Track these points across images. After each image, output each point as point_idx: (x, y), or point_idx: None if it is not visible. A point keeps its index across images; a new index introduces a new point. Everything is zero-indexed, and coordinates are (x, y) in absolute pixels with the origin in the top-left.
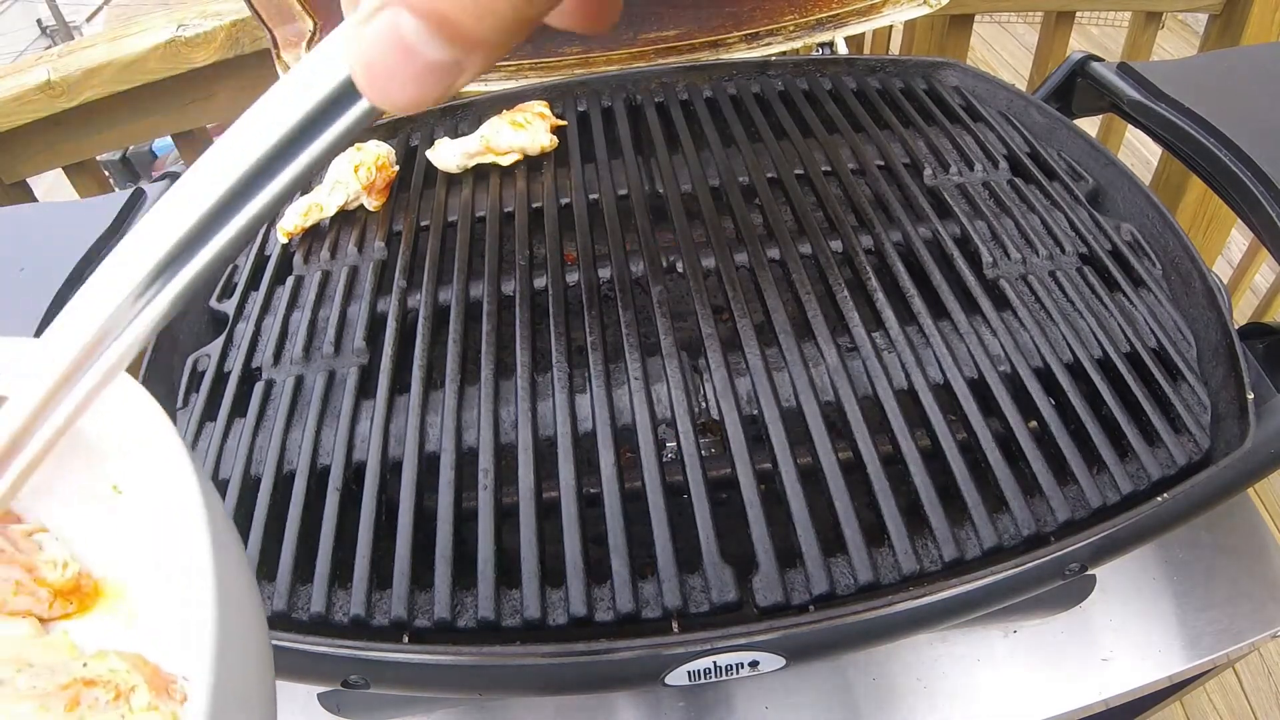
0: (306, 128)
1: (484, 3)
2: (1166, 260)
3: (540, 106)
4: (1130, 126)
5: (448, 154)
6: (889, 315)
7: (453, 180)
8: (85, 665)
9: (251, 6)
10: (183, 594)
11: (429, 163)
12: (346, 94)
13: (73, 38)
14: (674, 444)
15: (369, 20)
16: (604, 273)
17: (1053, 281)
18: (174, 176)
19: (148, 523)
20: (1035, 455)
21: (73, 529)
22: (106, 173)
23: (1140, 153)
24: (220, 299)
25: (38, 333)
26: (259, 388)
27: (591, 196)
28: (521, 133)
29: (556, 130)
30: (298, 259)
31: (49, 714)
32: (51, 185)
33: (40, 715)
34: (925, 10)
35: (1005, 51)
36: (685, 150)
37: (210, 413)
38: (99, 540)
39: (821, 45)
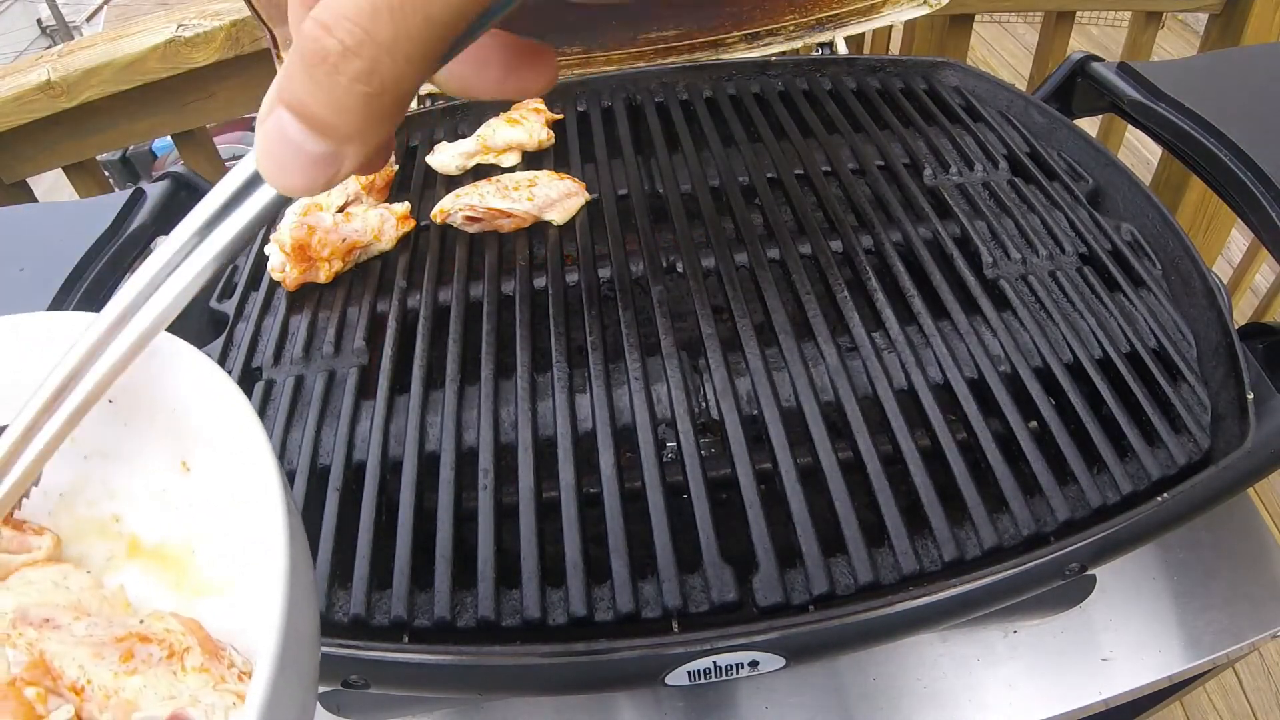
0: (228, 206)
1: (339, 101)
2: (1166, 260)
3: (536, 103)
4: (1130, 126)
5: (446, 157)
6: (889, 315)
7: (452, 181)
8: (141, 622)
9: (251, 6)
10: (255, 574)
11: (429, 165)
12: (256, 180)
13: (73, 38)
14: (674, 444)
15: (264, 119)
16: (604, 273)
17: (1053, 281)
18: (174, 176)
19: (217, 501)
20: (1035, 455)
21: (139, 495)
22: (106, 173)
23: (1140, 153)
24: (220, 299)
25: None
26: (259, 388)
27: (591, 196)
28: (517, 128)
29: (554, 126)
30: None
31: (103, 662)
32: (51, 185)
33: (95, 663)
34: (925, 10)
35: (1005, 51)
36: (685, 150)
37: None
38: (162, 509)
39: (821, 45)
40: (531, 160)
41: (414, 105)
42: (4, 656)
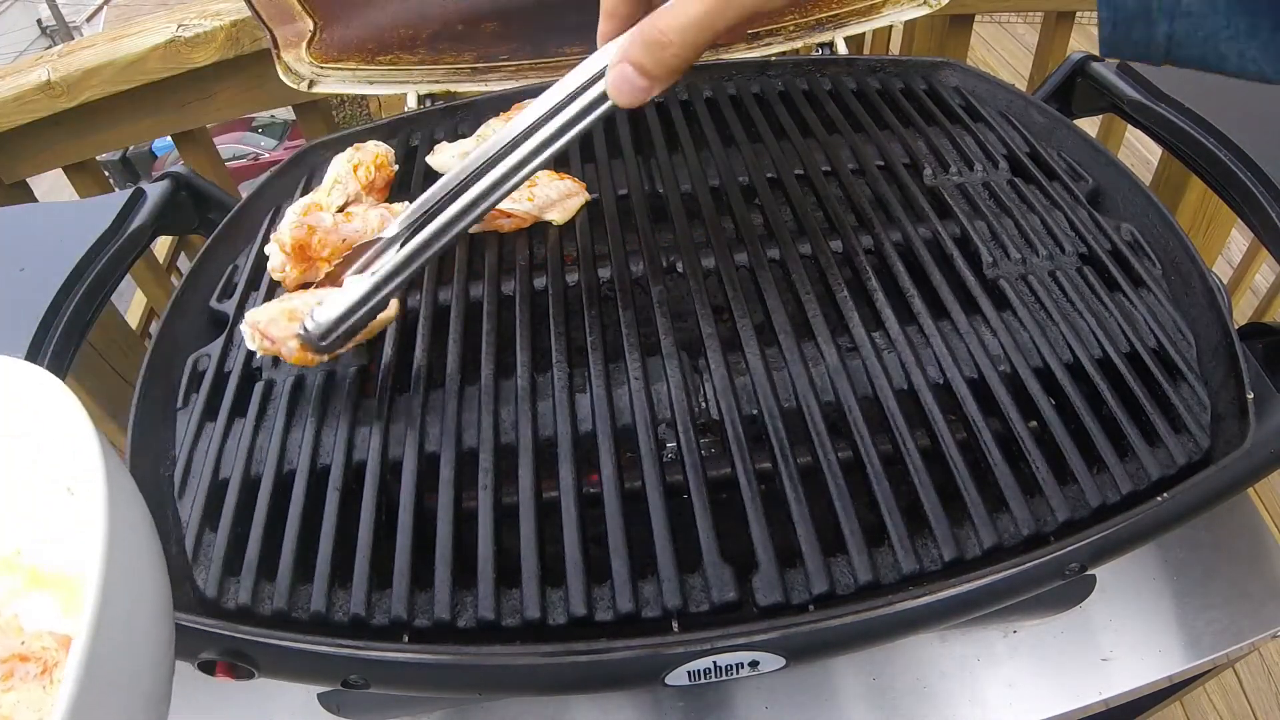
0: (582, 115)
1: (660, 65)
2: (1166, 260)
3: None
4: (1130, 126)
5: (446, 157)
6: (889, 315)
7: None
8: (23, 643)
9: (251, 6)
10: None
11: (429, 165)
12: (602, 100)
13: (73, 38)
14: (674, 444)
15: (614, 65)
16: (604, 273)
17: (1053, 281)
18: (174, 176)
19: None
20: (1035, 455)
21: (34, 526)
22: (106, 173)
23: (1140, 153)
24: (220, 299)
25: (37, 335)
26: (259, 388)
27: (591, 196)
28: None
29: None
30: None
31: None
32: (51, 185)
33: None
34: (925, 10)
35: (1005, 51)
36: (685, 150)
37: (210, 413)
38: (55, 536)
39: (821, 45)
40: None
41: (414, 105)
42: None
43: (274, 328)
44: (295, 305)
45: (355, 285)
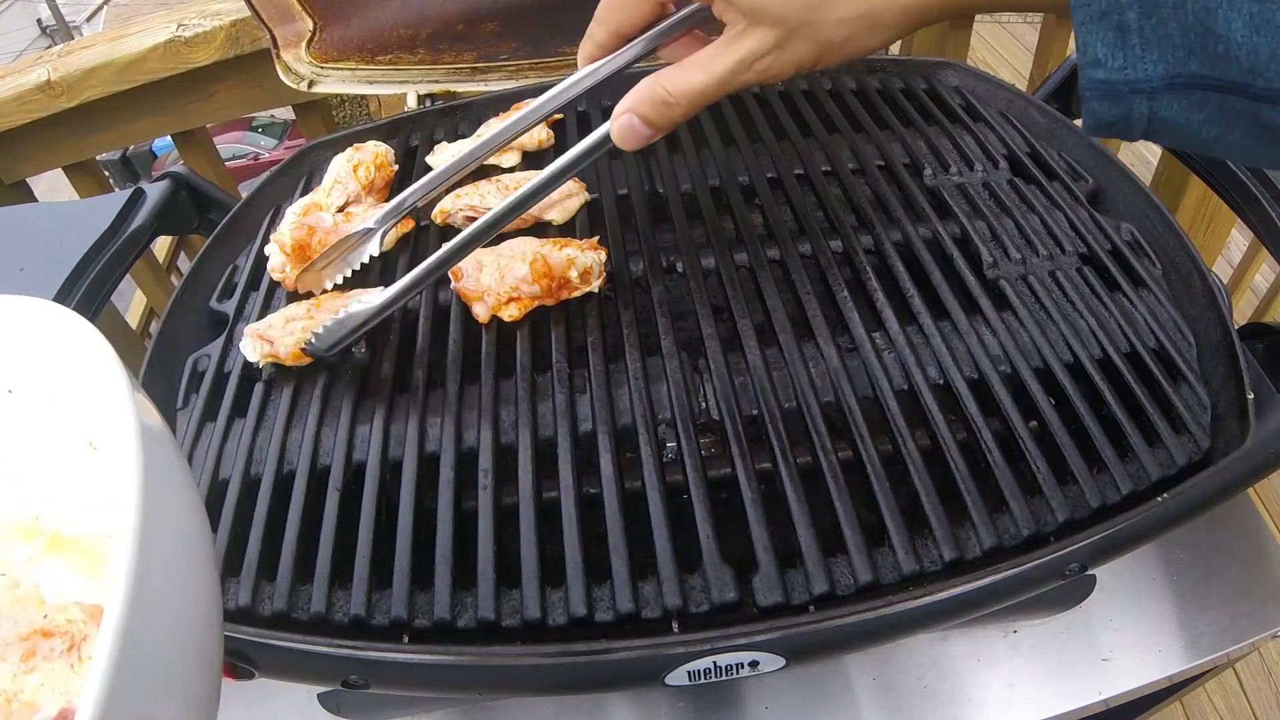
0: (587, 155)
1: (663, 119)
2: (1166, 260)
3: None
4: None
5: (446, 157)
6: (889, 315)
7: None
8: (46, 616)
9: (251, 6)
10: (114, 547)
11: (429, 165)
12: (605, 141)
13: (73, 37)
14: (674, 444)
15: (619, 115)
16: None
17: (1053, 281)
18: (174, 176)
19: (123, 478)
20: (1035, 455)
21: (54, 487)
22: (106, 172)
23: (1140, 153)
24: (220, 299)
25: None
26: (259, 388)
27: (591, 196)
28: None
29: (554, 126)
30: None
31: (5, 664)
32: (51, 185)
33: None
34: None
35: (1005, 51)
36: (685, 150)
37: (210, 413)
38: (77, 498)
39: None
40: (531, 160)
41: (414, 105)
42: None
43: (271, 330)
44: (291, 311)
45: (362, 303)
